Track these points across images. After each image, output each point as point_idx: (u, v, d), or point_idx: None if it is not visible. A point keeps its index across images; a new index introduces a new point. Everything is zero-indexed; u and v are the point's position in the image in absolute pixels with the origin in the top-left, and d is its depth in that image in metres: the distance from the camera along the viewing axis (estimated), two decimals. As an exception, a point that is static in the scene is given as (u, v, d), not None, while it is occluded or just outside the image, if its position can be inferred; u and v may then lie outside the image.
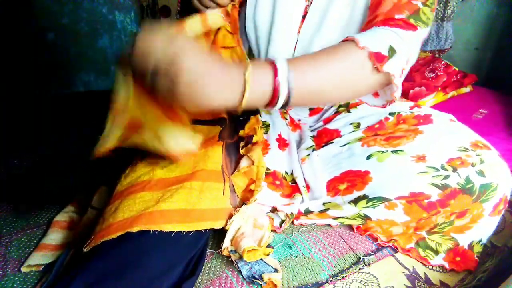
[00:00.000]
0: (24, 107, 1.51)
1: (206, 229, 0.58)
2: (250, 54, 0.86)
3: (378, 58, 0.55)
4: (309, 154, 0.81)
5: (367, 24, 0.64)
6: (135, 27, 1.84)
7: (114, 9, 1.75)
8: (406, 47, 0.58)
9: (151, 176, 0.59)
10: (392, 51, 0.56)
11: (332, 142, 0.82)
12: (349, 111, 0.85)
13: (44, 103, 1.56)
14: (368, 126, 0.79)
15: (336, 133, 0.83)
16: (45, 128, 1.24)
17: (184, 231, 0.53)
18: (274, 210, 0.74)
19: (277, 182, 0.77)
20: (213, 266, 0.64)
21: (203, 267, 0.63)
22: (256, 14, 0.79)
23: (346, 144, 0.78)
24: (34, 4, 1.56)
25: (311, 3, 0.75)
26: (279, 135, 0.84)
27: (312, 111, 0.91)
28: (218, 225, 0.61)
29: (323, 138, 0.86)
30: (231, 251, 0.66)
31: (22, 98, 1.63)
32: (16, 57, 1.59)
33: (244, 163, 0.71)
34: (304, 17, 0.77)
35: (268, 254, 0.65)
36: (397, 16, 0.60)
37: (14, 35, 1.55)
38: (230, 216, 0.65)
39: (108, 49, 1.79)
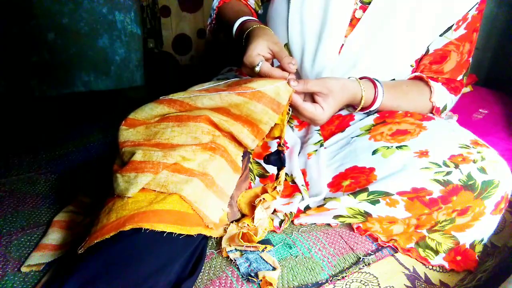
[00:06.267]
0: (24, 107, 1.51)
1: None
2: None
3: (437, 111, 0.83)
4: (316, 150, 0.81)
5: (428, 66, 0.83)
6: (135, 27, 1.83)
7: (114, 9, 1.75)
8: (451, 105, 0.86)
9: None
10: (445, 108, 0.84)
11: (342, 131, 0.83)
12: None
13: (44, 103, 1.56)
14: (379, 112, 0.80)
15: (350, 117, 0.85)
16: (45, 128, 1.24)
17: (176, 233, 0.53)
18: (273, 210, 0.74)
19: None
20: (213, 266, 0.64)
21: (203, 267, 0.63)
22: (304, 9, 0.78)
23: (356, 136, 0.79)
24: (34, 4, 1.56)
25: (359, 8, 0.77)
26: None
27: None
28: (211, 233, 0.61)
29: (334, 120, 0.86)
30: (230, 251, 0.66)
31: (22, 98, 1.63)
32: (16, 57, 1.59)
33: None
34: (351, 20, 0.77)
35: (265, 248, 0.65)
36: (458, 78, 0.83)
37: (14, 35, 1.55)
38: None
39: (108, 49, 1.79)
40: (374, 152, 0.72)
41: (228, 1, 0.88)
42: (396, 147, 0.70)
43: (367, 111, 0.79)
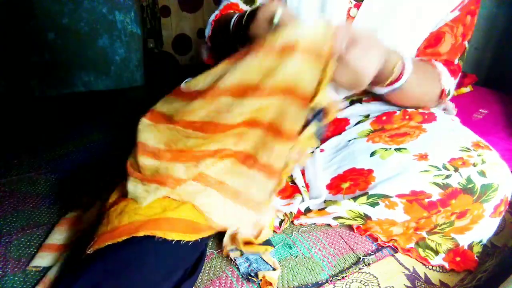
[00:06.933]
0: (24, 107, 1.51)
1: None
2: None
3: (444, 95, 0.77)
4: (312, 152, 0.80)
5: (422, 51, 0.79)
6: (135, 27, 1.83)
7: (114, 9, 1.75)
8: (453, 89, 0.81)
9: None
10: (449, 92, 0.79)
11: (339, 135, 0.82)
12: (361, 103, 0.85)
13: (44, 103, 1.56)
14: (376, 117, 0.79)
15: (345, 121, 0.84)
16: (45, 128, 1.24)
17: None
18: (273, 210, 0.74)
19: None
20: (213, 266, 0.64)
21: (203, 267, 0.63)
22: (300, 9, 0.78)
23: (352, 139, 0.79)
24: (34, 4, 1.56)
25: (354, 6, 0.76)
26: None
27: None
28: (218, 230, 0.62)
29: (331, 126, 0.85)
30: (231, 249, 0.66)
31: (22, 98, 1.63)
32: (16, 57, 1.59)
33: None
34: (346, 19, 0.77)
35: (266, 250, 0.65)
36: (455, 62, 0.79)
37: (14, 35, 1.55)
38: None
39: (108, 49, 1.79)
40: (372, 154, 0.72)
41: (225, 13, 0.87)
42: (395, 149, 0.70)
43: (393, 86, 0.67)
